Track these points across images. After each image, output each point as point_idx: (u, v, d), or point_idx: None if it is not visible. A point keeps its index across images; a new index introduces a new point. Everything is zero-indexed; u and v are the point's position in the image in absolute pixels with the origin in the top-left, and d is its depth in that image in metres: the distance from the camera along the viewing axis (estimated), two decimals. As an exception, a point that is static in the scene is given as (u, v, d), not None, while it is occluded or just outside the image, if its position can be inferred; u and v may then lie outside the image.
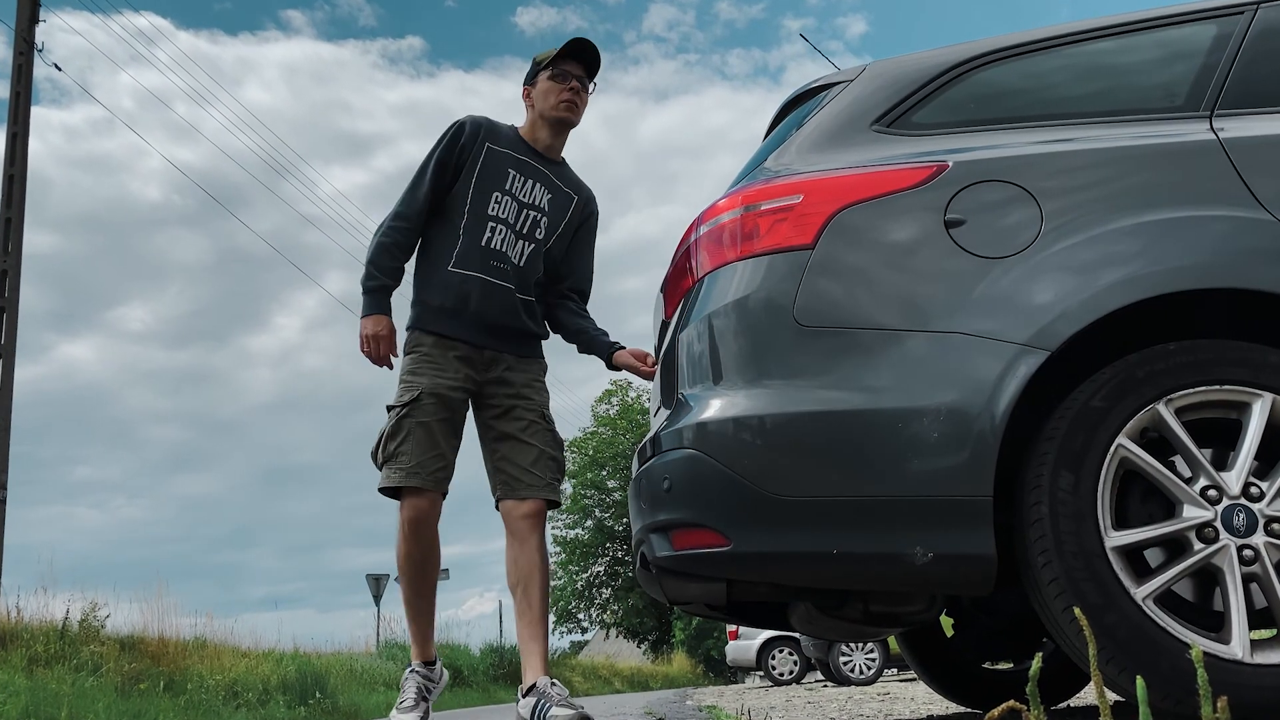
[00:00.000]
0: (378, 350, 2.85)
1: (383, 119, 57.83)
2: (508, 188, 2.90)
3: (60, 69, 10.99)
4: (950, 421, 1.83)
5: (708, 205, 2.21)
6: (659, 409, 2.47)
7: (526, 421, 2.91)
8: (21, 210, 9.69)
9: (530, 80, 3.02)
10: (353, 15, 58.09)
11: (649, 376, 2.89)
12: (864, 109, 2.18)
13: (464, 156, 2.89)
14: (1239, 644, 1.71)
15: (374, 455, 2.86)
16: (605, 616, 35.38)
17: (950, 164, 2.00)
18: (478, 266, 2.86)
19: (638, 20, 61.54)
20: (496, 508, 2.93)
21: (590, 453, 34.50)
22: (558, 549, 34.86)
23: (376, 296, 2.85)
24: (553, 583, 35.12)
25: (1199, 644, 1.70)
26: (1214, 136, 1.97)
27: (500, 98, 60.40)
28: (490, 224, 2.87)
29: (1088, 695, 3.59)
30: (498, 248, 2.88)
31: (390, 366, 2.89)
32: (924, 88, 2.18)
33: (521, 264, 2.93)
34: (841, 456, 1.90)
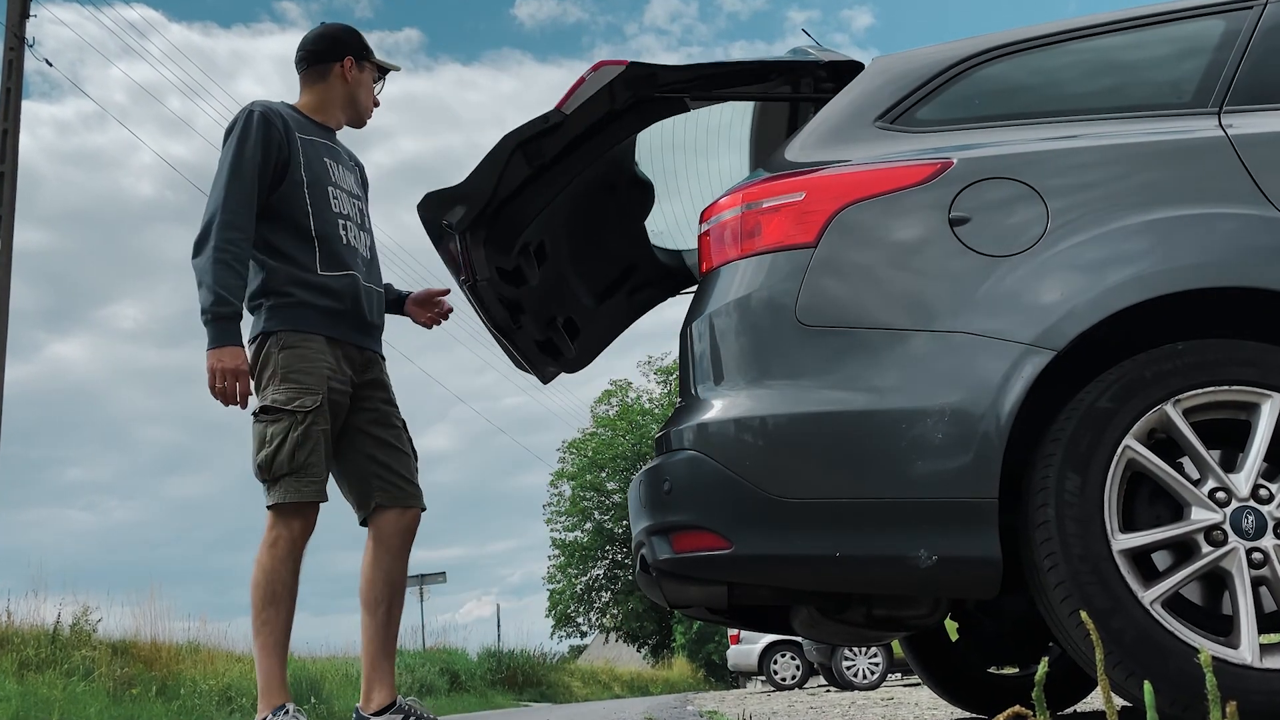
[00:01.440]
0: (234, 388, 2.54)
1: (379, 113, 57.72)
2: (334, 179, 2.77)
3: (51, 64, 10.96)
4: (955, 422, 1.81)
5: (710, 203, 2.19)
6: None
7: (399, 428, 2.79)
8: (13, 207, 9.69)
9: (360, 56, 2.85)
10: (348, 6, 58.04)
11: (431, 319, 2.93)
12: (867, 105, 2.17)
13: (284, 152, 2.65)
14: (1248, 648, 1.70)
15: (267, 466, 2.55)
16: (605, 620, 35.38)
17: (955, 161, 1.99)
18: (346, 267, 2.70)
19: (639, 12, 61.57)
20: (364, 521, 2.74)
21: (589, 454, 34.49)
22: (556, 552, 34.87)
23: (230, 325, 2.56)
24: (552, 586, 35.23)
25: (1207, 648, 1.69)
26: (1222, 133, 1.96)
27: (498, 91, 60.18)
28: (340, 221, 2.72)
29: (1094, 700, 3.57)
30: (353, 245, 2.74)
31: (244, 406, 2.59)
32: (928, 84, 2.17)
33: (370, 257, 2.82)
34: (844, 458, 1.89)
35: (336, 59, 2.84)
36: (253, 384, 2.63)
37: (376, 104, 2.94)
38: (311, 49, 2.86)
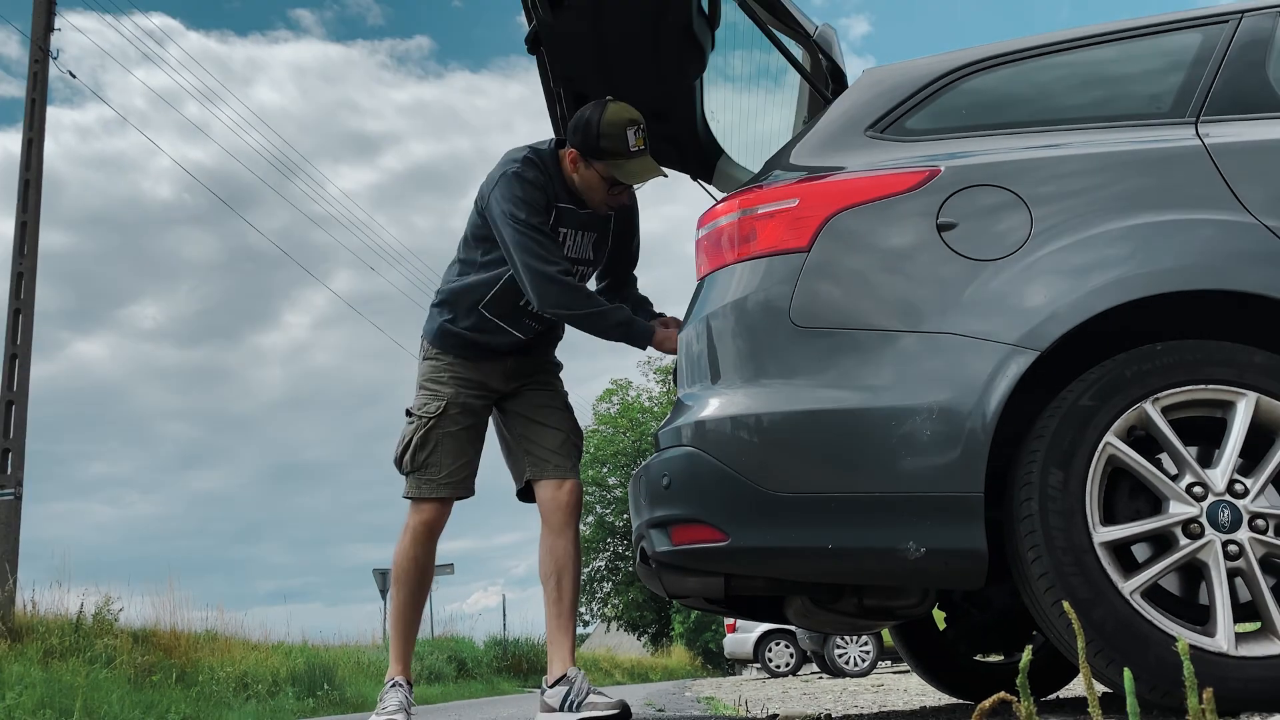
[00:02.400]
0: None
1: (391, 119, 57.63)
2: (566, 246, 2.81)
3: (74, 76, 11.02)
4: (942, 420, 1.86)
5: (707, 209, 2.25)
6: None
7: (556, 408, 2.95)
8: (37, 214, 9.73)
9: (586, 154, 2.70)
10: (361, 15, 57.98)
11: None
12: (859, 115, 2.21)
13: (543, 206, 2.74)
14: (1224, 637, 1.74)
15: (399, 461, 2.85)
16: (606, 610, 35.44)
17: (942, 169, 2.03)
18: (510, 318, 2.82)
19: (641, 18, 60.89)
20: (521, 495, 2.92)
21: (591, 451, 34.48)
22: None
23: (632, 323, 2.71)
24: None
25: (1185, 637, 1.73)
26: (1199, 142, 2.00)
27: (506, 97, 59.99)
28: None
29: (1076, 687, 3.63)
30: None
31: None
32: (917, 94, 2.21)
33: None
34: (836, 454, 1.94)
35: (567, 142, 2.75)
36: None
37: (623, 202, 2.85)
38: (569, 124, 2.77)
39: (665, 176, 2.80)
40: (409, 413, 2.87)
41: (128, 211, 43.70)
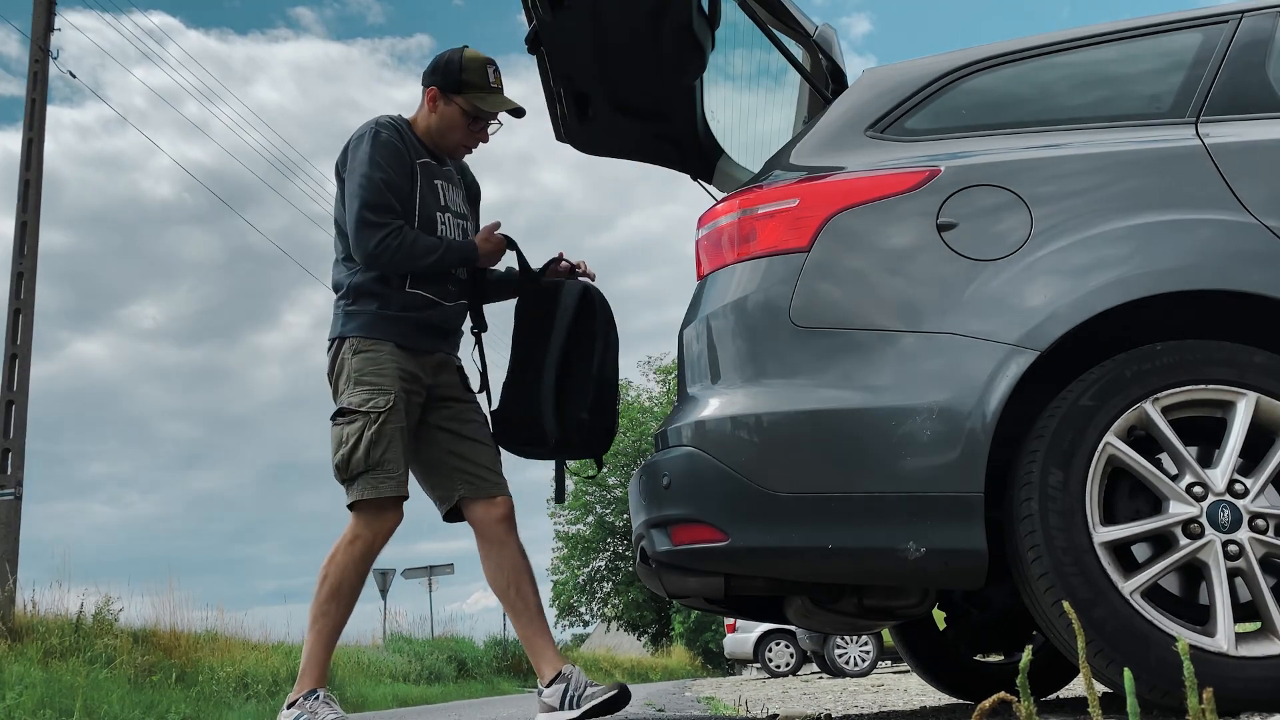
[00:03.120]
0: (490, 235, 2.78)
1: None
2: (443, 204, 2.81)
3: (74, 76, 11.04)
4: (943, 420, 1.86)
5: (707, 209, 2.25)
6: None
7: (479, 422, 2.85)
8: (37, 214, 9.74)
9: (446, 89, 2.76)
10: (361, 13, 57.98)
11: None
12: (859, 115, 2.22)
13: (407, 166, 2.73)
14: (1224, 637, 1.74)
15: (344, 465, 2.61)
16: (606, 610, 35.44)
17: (942, 169, 2.04)
18: (432, 285, 2.77)
19: (641, 17, 60.93)
20: (447, 516, 2.81)
21: (591, 449, 34.52)
22: (560, 544, 34.94)
23: (451, 247, 2.72)
24: (555, 577, 35.30)
25: (1185, 637, 1.73)
26: (1199, 142, 2.00)
27: (506, 95, 59.96)
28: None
29: (1076, 687, 3.63)
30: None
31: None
32: (917, 94, 2.21)
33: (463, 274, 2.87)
34: (837, 454, 1.94)
35: (424, 85, 2.80)
36: (331, 388, 2.74)
37: (483, 141, 2.86)
38: (424, 71, 2.84)
39: (524, 112, 2.85)
40: (346, 412, 2.64)
41: (128, 211, 43.78)
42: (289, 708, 2.61)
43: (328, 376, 2.77)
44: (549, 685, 2.68)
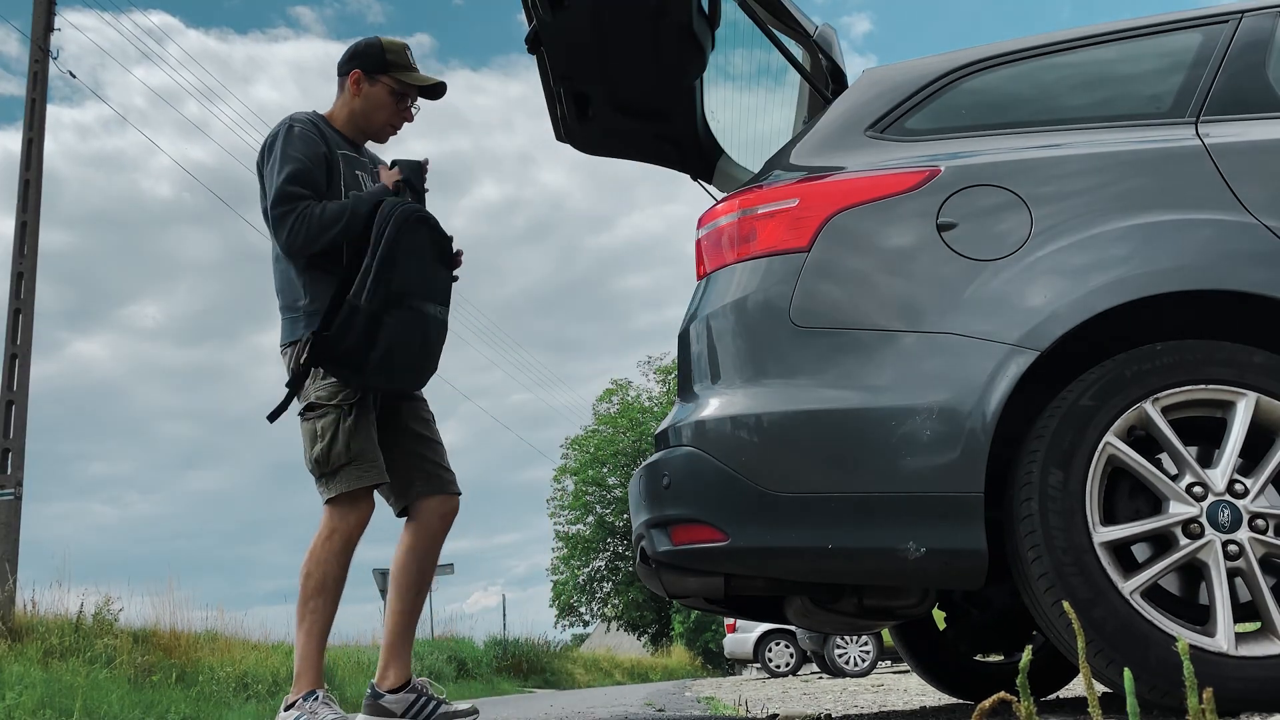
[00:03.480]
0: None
1: (391, 116, 57.30)
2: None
3: (74, 76, 11.04)
4: (942, 420, 1.86)
5: (707, 209, 2.25)
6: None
7: (430, 419, 2.87)
8: (37, 214, 9.74)
9: (370, 70, 2.81)
10: (361, 12, 57.85)
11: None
12: (859, 115, 2.22)
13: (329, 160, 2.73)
14: (1224, 637, 1.74)
15: (323, 459, 2.59)
16: (606, 610, 35.47)
17: (942, 169, 2.04)
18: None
19: (643, 16, 60.83)
20: (402, 512, 2.80)
21: (591, 450, 34.57)
22: (560, 544, 34.97)
23: (346, 205, 2.65)
24: (555, 577, 35.35)
25: (1185, 637, 1.73)
26: (1199, 142, 2.00)
27: (507, 95, 59.76)
28: None
29: (1076, 687, 3.63)
30: None
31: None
32: (916, 94, 2.21)
33: None
34: (836, 454, 1.94)
35: (344, 73, 2.86)
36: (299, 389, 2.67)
37: (408, 120, 2.89)
38: (340, 61, 2.89)
39: (444, 90, 2.88)
40: (316, 406, 2.61)
41: (127, 210, 43.73)
42: (287, 709, 2.60)
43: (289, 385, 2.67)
44: (393, 691, 2.69)
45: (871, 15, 63.79)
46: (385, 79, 2.82)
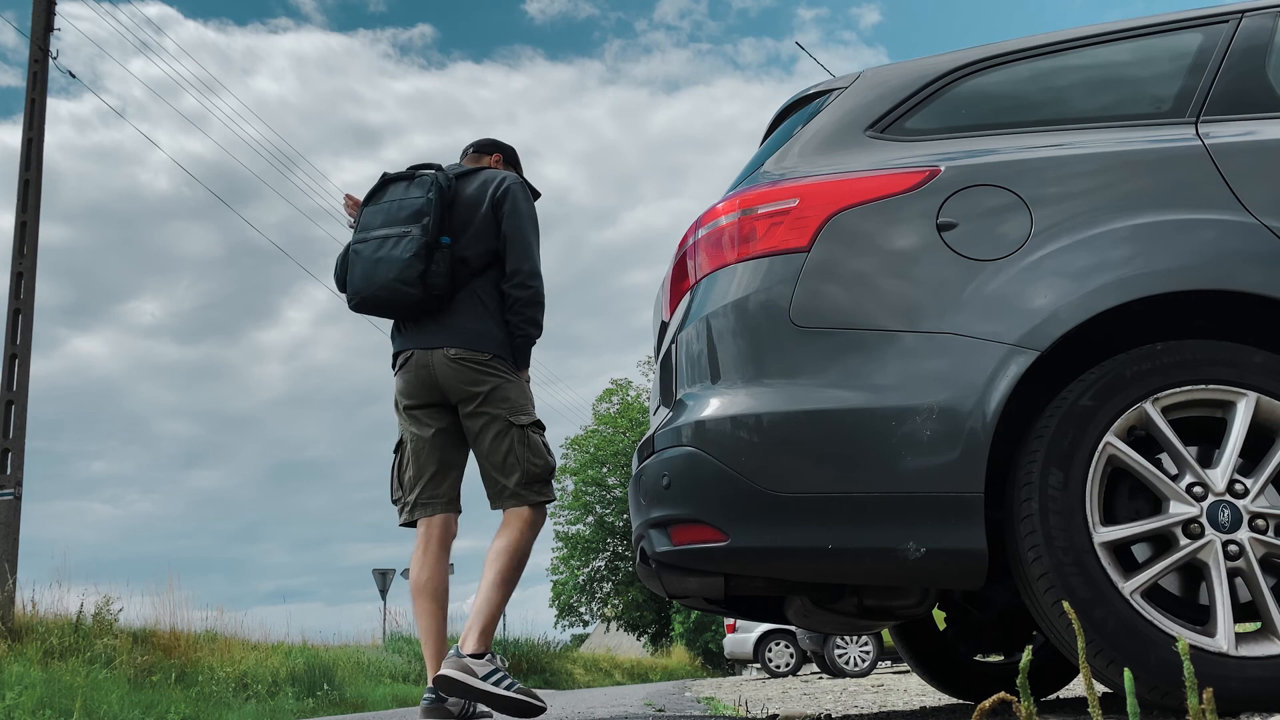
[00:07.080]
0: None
1: (392, 110, 57.13)
2: None
3: (74, 75, 11.03)
4: (942, 420, 1.86)
5: (706, 208, 2.25)
6: (658, 408, 2.51)
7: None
8: (37, 213, 9.73)
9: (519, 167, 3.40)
10: (362, 3, 57.45)
11: None
12: (859, 115, 2.22)
13: None
14: (1224, 637, 1.75)
15: (547, 469, 3.02)
16: (606, 610, 35.47)
17: (942, 169, 2.04)
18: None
19: (649, 8, 60.75)
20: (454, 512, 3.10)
21: (591, 450, 34.58)
22: (560, 544, 34.98)
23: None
24: (555, 577, 35.40)
25: (1185, 637, 1.73)
26: (1200, 142, 2.01)
27: (509, 88, 59.55)
28: None
29: (1076, 687, 3.63)
30: None
31: None
32: (917, 94, 2.22)
33: None
34: (836, 454, 1.94)
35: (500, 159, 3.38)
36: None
37: None
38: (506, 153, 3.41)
39: None
40: (540, 425, 3.05)
41: (126, 205, 43.50)
42: (476, 657, 2.85)
43: (467, 383, 2.97)
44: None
45: (881, 6, 63.58)
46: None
